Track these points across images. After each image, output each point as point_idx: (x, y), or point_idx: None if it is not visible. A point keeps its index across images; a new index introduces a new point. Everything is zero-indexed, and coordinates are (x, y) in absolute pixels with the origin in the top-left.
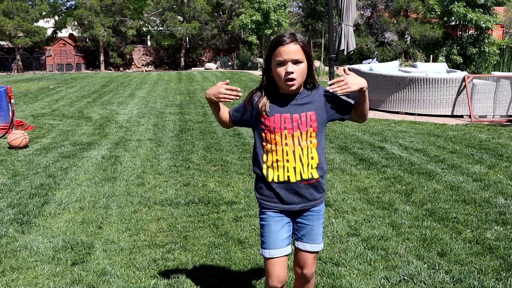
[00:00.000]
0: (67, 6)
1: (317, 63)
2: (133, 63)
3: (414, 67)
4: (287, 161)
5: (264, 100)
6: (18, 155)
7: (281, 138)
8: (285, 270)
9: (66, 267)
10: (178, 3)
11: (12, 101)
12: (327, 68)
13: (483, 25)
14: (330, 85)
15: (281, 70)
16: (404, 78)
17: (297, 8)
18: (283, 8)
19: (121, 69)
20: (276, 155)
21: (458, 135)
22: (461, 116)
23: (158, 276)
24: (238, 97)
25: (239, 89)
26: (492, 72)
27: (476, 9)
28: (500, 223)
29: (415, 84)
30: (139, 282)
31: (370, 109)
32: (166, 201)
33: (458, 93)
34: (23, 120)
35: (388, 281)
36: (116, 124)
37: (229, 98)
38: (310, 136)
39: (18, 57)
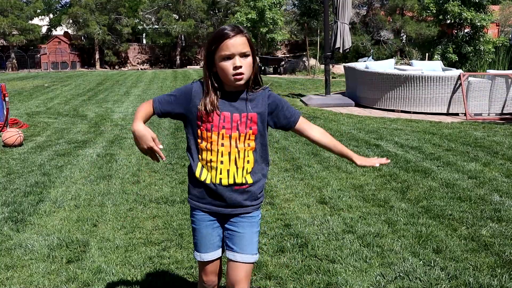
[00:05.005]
0: (62, 3)
1: (312, 61)
2: (128, 61)
3: (410, 65)
4: (221, 162)
5: (213, 97)
6: (12, 153)
7: (218, 137)
8: (217, 266)
9: (61, 265)
10: (174, 1)
11: (7, 99)
12: (322, 66)
13: (478, 24)
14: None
15: (228, 65)
16: (399, 76)
17: (293, 6)
18: (278, 6)
19: (116, 67)
20: (211, 155)
21: (454, 133)
22: (457, 114)
23: (154, 273)
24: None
25: (164, 158)
26: (487, 70)
27: (471, 8)
28: (495, 220)
29: (411, 82)
30: (135, 280)
31: (366, 107)
32: (162, 199)
33: (454, 91)
34: (17, 118)
35: (384, 278)
36: (111, 122)
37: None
38: (249, 139)
39: (12, 55)
